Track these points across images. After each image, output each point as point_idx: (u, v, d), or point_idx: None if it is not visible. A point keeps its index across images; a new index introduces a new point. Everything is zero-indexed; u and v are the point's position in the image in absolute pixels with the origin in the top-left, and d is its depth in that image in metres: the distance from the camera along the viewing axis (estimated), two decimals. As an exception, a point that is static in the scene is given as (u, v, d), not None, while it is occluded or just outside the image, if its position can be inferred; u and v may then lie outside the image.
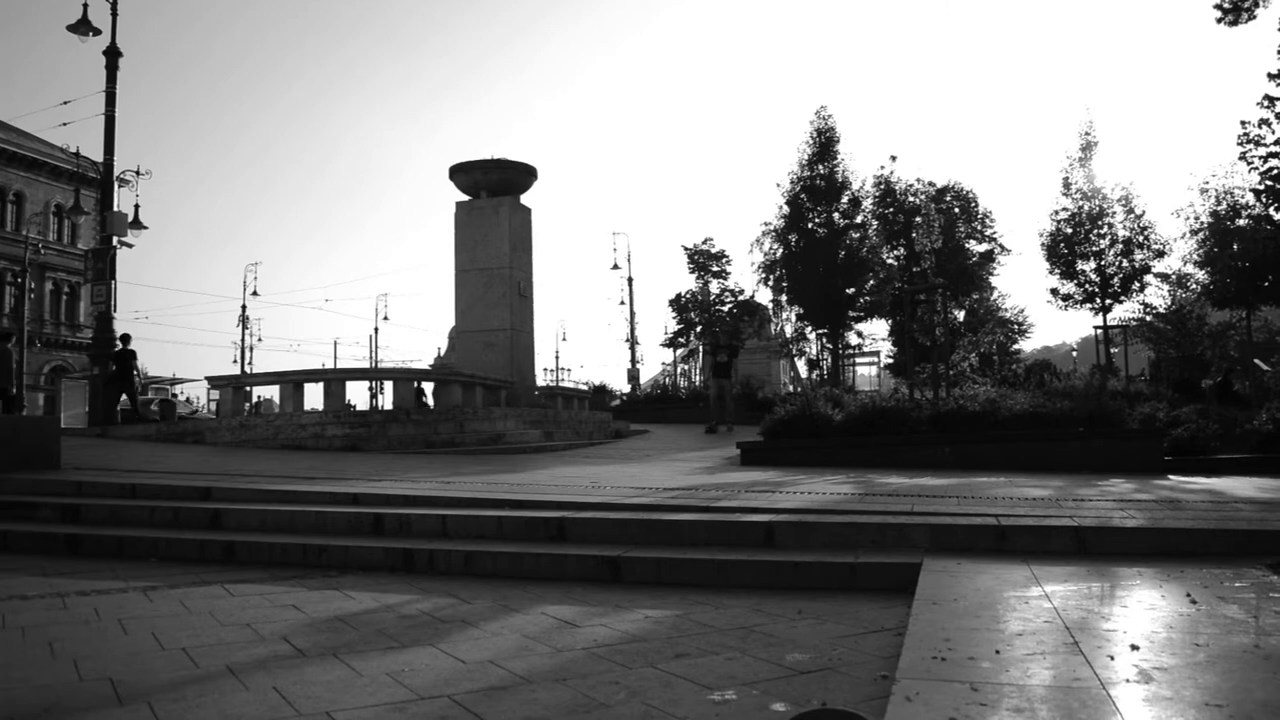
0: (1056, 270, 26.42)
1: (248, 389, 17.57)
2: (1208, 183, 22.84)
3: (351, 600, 4.38)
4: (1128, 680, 2.38)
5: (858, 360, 41.36)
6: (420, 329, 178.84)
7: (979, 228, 38.05)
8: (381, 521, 5.95)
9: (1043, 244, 26.97)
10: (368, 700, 2.78)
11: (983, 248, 37.67)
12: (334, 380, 15.64)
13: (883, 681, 2.81)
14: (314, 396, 15.46)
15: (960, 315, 35.22)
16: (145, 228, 25.71)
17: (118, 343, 17.65)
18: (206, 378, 24.08)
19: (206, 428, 15.01)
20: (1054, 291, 26.83)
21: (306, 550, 5.56)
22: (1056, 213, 26.52)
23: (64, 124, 37.13)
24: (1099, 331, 27.71)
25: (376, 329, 59.40)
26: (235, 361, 53.64)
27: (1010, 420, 11.11)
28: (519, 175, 18.33)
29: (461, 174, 18.01)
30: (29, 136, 51.34)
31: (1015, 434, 10.85)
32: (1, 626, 3.90)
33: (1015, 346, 42.06)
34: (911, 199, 35.70)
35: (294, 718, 2.62)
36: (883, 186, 35.34)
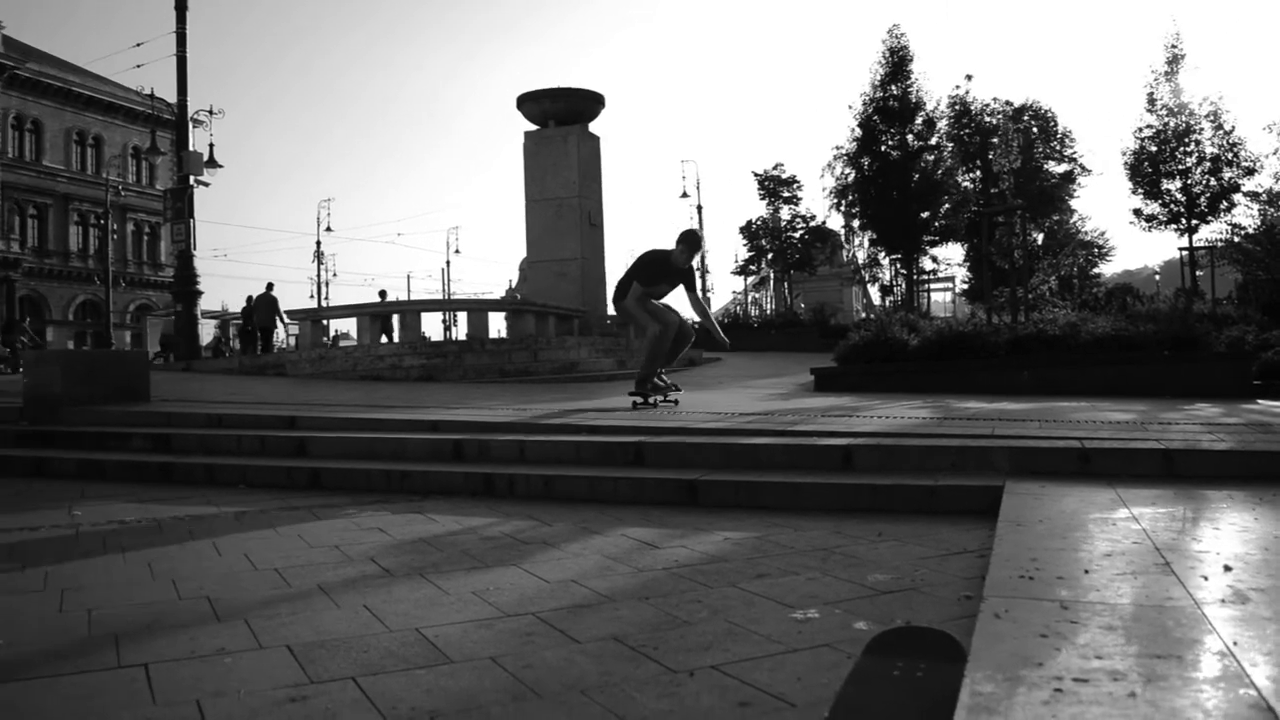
0: (1140, 190, 25.73)
1: (325, 322, 17.86)
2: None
3: (434, 523, 4.47)
4: (1222, 601, 2.33)
5: (932, 286, 40.81)
6: (491, 261, 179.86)
7: (1058, 148, 37.05)
8: (461, 447, 6.04)
9: (1125, 163, 26.25)
10: (455, 617, 2.84)
11: (1062, 168, 36.71)
12: (409, 312, 15.85)
13: (966, 602, 2.80)
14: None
15: (1039, 238, 34.45)
16: (220, 166, 26.15)
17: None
18: (285, 311, 24.57)
19: (287, 360, 15.35)
20: (1137, 212, 26.17)
21: (389, 476, 5.67)
22: (1140, 130, 25.74)
23: (138, 66, 37.82)
24: (1184, 253, 26.98)
25: (448, 262, 60.01)
26: (311, 296, 54.58)
27: (1091, 344, 10.90)
28: (586, 103, 18.20)
29: (529, 103, 17.93)
30: (105, 80, 52.23)
31: (1096, 358, 10.64)
32: (103, 549, 4.05)
33: (1095, 270, 41.10)
34: (988, 119, 34.86)
35: (384, 633, 2.69)
36: (958, 107, 34.50)
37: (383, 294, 33.13)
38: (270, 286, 26.27)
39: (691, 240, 8.54)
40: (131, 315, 52.56)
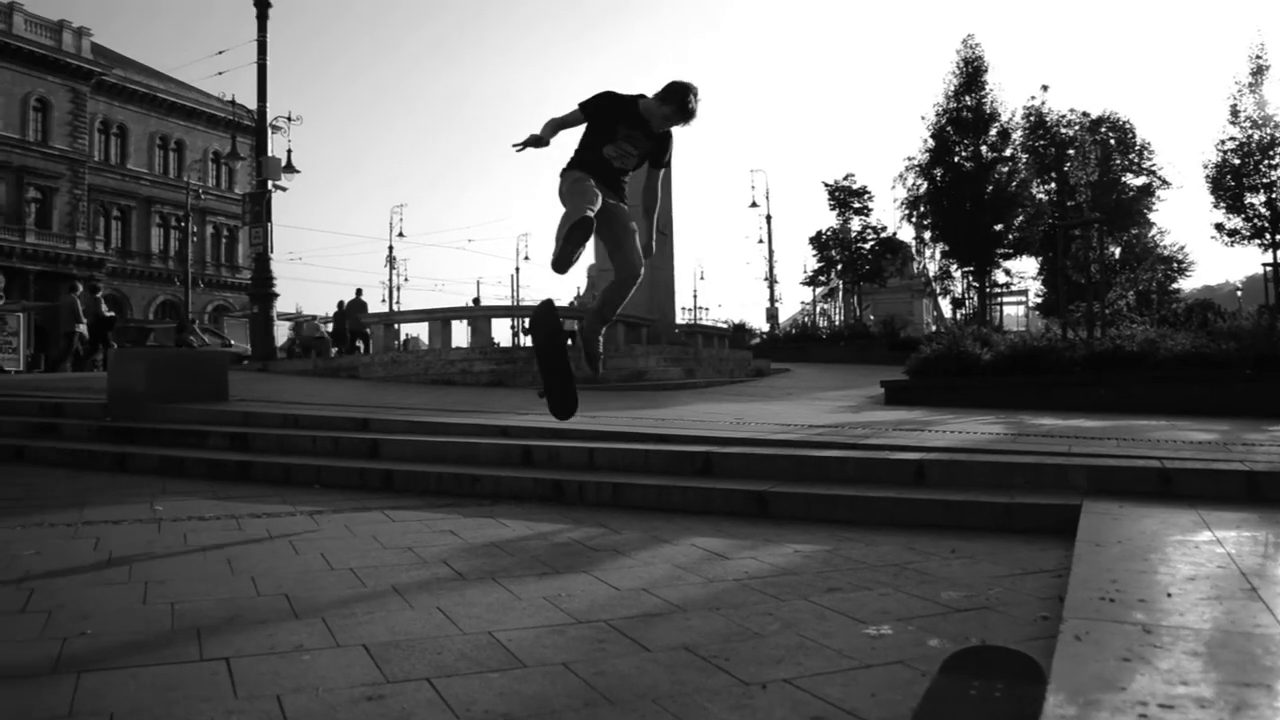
0: (1222, 204, 25.13)
1: (397, 326, 18.12)
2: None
3: (505, 528, 4.51)
4: (1313, 628, 2.26)
5: (1004, 299, 40.15)
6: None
7: (1136, 160, 36.33)
8: (531, 453, 6.09)
9: (1207, 176, 25.65)
10: (527, 622, 2.86)
11: (1140, 181, 35.99)
12: (480, 317, 16.01)
13: (1043, 622, 2.76)
14: (460, 334, 15.88)
15: (1116, 252, 33.77)
16: (298, 171, 26.69)
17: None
18: (359, 316, 24.99)
19: (360, 363, 15.59)
20: (1219, 227, 25.56)
21: (460, 479, 5.73)
22: (1223, 142, 25.14)
23: (219, 73, 39.00)
24: (1268, 269, 26.22)
25: (518, 268, 60.65)
26: (383, 300, 55.34)
27: (1170, 361, 10.63)
28: (658, 112, 18.22)
29: (601, 112, 18.00)
30: (187, 87, 53.66)
31: (1175, 376, 10.38)
32: (184, 545, 4.15)
33: (1174, 285, 40.11)
34: (1064, 130, 34.26)
35: (458, 635, 2.72)
36: (1033, 118, 34.00)
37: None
38: (359, 292, 27.48)
39: (676, 93, 4.83)
40: (209, 315, 53.78)
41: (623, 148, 5.03)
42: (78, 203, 49.44)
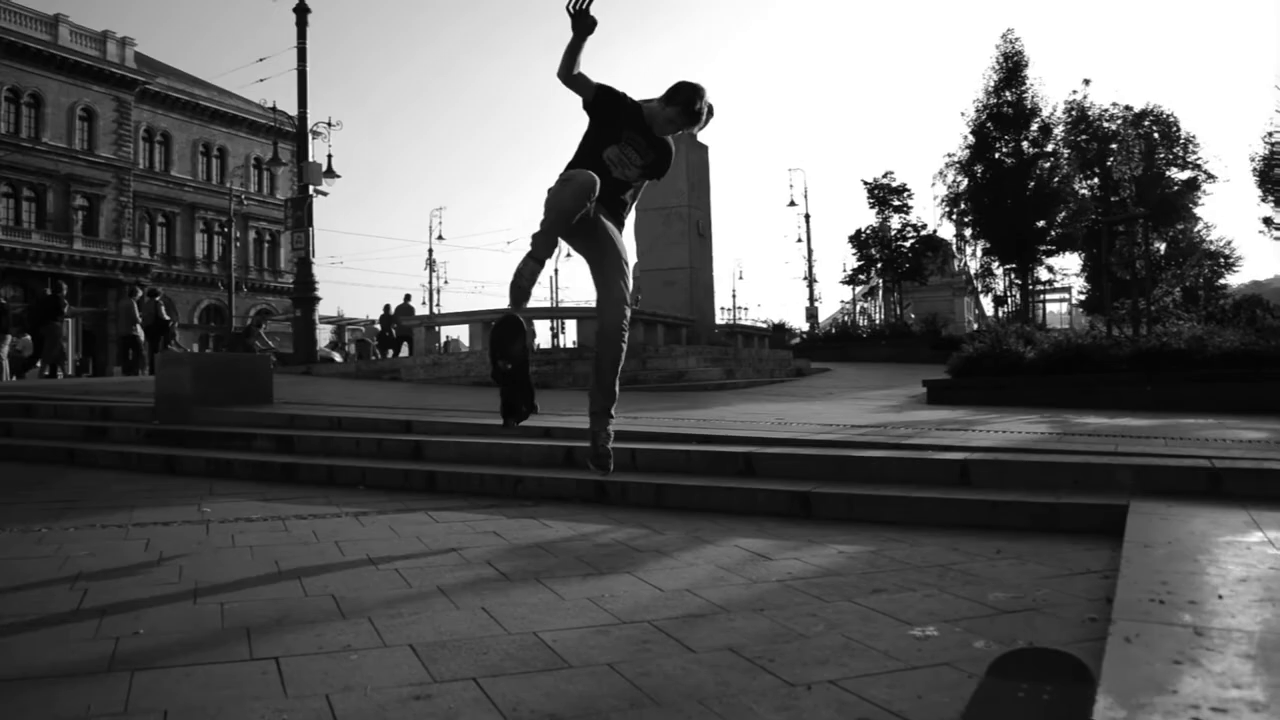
0: (1270, 198, 24.74)
1: (438, 329, 18.25)
2: None
3: (548, 528, 4.53)
4: (1370, 630, 2.23)
5: (1047, 296, 39.74)
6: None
7: (1181, 154, 35.85)
8: (573, 454, 6.11)
9: (1254, 170, 25.26)
10: (571, 623, 2.87)
11: (1185, 175, 35.51)
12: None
13: (1091, 624, 2.73)
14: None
15: (1161, 248, 33.31)
16: (338, 176, 26.96)
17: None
18: (402, 320, 25.25)
19: (402, 365, 15.72)
20: (1267, 221, 25.18)
21: (503, 480, 5.77)
22: (1271, 135, 24.72)
23: (260, 80, 39.68)
24: (1319, 264, 25.75)
25: (556, 269, 60.62)
26: (424, 303, 55.74)
27: (1218, 359, 10.46)
28: (697, 113, 18.23)
29: (639, 112, 18.04)
30: (228, 94, 54.48)
31: (1224, 373, 10.21)
32: (232, 545, 4.21)
33: (1221, 280, 39.50)
34: (1107, 125, 33.86)
35: (503, 635, 2.74)
36: (1075, 112, 33.64)
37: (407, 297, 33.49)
38: (408, 297, 28.12)
39: (681, 93, 4.58)
40: (252, 320, 54.44)
41: (626, 152, 4.68)
42: (123, 209, 50.29)
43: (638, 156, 4.69)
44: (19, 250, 45.30)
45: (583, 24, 4.41)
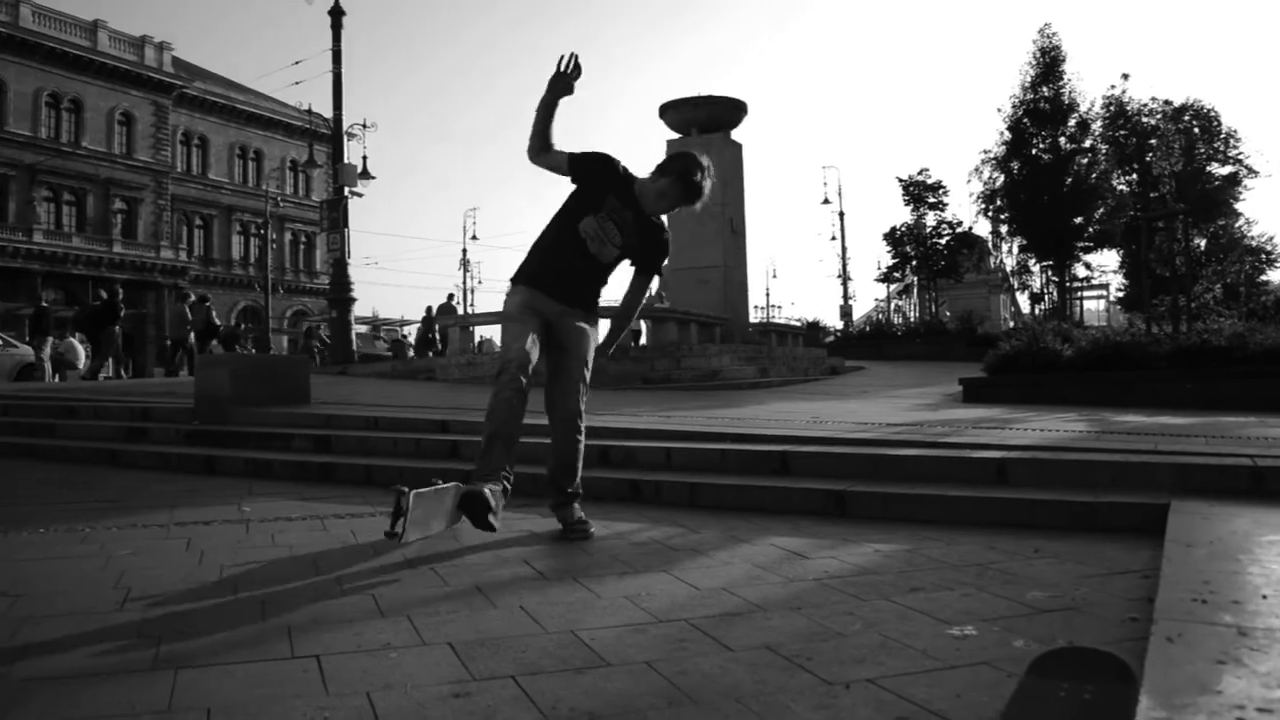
0: (1314, 192, 24.32)
1: (473, 328, 18.33)
2: None
3: (584, 528, 4.54)
4: None
5: (1085, 294, 39.34)
6: (632, 268, 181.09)
7: (1221, 149, 35.34)
8: (608, 453, 6.12)
9: (1298, 164, 24.82)
10: (609, 621, 2.88)
11: (1226, 170, 35.02)
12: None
13: (1132, 624, 2.71)
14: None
15: (1201, 244, 32.86)
16: (373, 178, 27.18)
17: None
18: (441, 320, 25.45)
19: (437, 365, 15.81)
20: (1310, 216, 24.72)
21: (537, 480, 5.77)
22: (1315, 129, 24.30)
23: (296, 83, 39.88)
24: (1363, 259, 25.32)
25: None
26: (458, 303, 55.97)
27: (1260, 356, 10.32)
28: (728, 111, 18.25)
29: (671, 111, 18.08)
30: (265, 97, 54.97)
31: (1266, 371, 10.08)
32: (272, 544, 4.25)
33: (1263, 277, 38.91)
34: (1146, 120, 33.46)
35: (541, 634, 2.75)
36: (1113, 108, 33.26)
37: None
38: (450, 298, 28.45)
39: (677, 161, 4.44)
40: (289, 320, 54.94)
41: (605, 226, 4.28)
42: (161, 212, 50.89)
43: (618, 234, 4.33)
44: (60, 254, 45.96)
45: (563, 85, 4.24)
